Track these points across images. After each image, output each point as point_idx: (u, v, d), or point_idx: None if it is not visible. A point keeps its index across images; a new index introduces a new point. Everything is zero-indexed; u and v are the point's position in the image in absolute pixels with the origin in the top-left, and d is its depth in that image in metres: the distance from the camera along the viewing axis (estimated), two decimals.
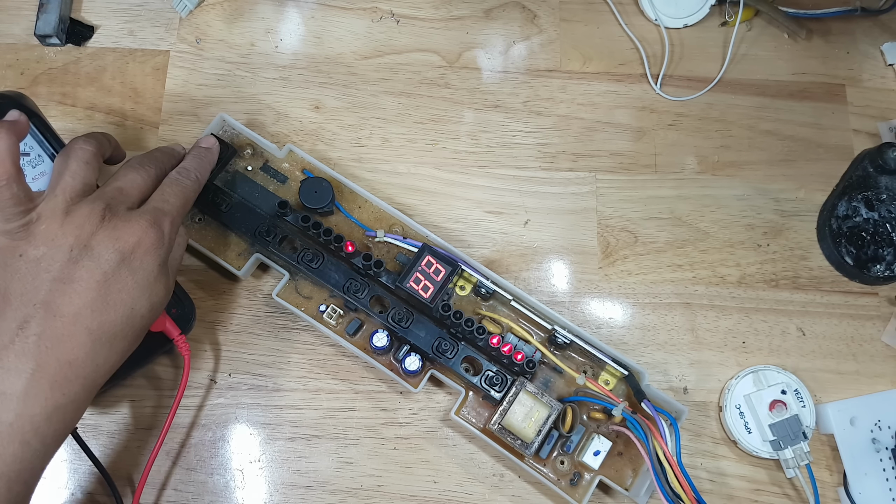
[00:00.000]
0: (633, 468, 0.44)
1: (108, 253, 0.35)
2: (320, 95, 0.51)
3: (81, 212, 0.35)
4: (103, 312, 0.34)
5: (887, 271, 0.48)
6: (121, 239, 0.35)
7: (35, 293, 0.34)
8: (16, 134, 0.35)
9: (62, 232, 0.35)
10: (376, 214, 0.47)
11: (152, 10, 0.52)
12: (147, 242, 0.36)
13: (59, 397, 0.33)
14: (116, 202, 0.37)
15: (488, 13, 0.54)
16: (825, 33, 0.55)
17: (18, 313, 0.33)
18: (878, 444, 0.45)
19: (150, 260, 0.36)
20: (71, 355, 0.33)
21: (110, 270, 0.35)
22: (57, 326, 0.33)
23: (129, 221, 0.36)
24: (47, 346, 0.33)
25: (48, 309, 0.33)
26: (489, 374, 0.43)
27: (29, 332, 0.33)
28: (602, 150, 0.52)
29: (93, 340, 0.34)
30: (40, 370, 0.33)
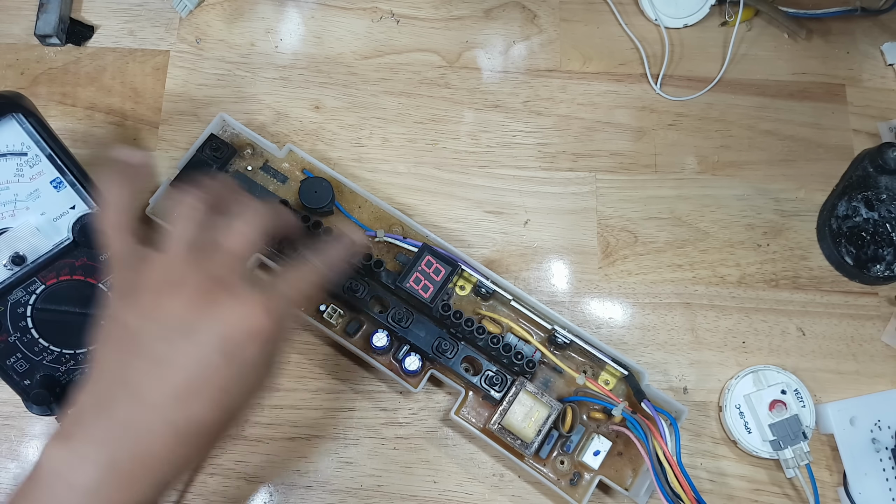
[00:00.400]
0: (633, 468, 0.44)
1: (209, 336, 0.29)
2: (320, 95, 0.51)
3: (187, 284, 0.30)
4: (191, 406, 0.29)
5: (887, 271, 0.48)
6: (226, 322, 0.30)
7: (123, 370, 0.30)
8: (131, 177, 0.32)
9: (162, 305, 0.30)
10: (376, 214, 0.47)
11: (152, 10, 0.52)
12: (256, 331, 0.30)
13: (125, 497, 0.29)
14: (227, 270, 0.31)
15: (488, 13, 0.54)
16: (825, 33, 0.55)
17: (103, 389, 0.30)
18: (878, 444, 0.45)
19: (255, 351, 0.30)
20: (148, 453, 0.29)
21: (208, 360, 0.29)
22: (139, 416, 0.29)
23: (242, 302, 0.30)
24: (125, 439, 0.29)
25: (133, 393, 0.29)
26: (489, 374, 0.43)
27: (109, 416, 0.29)
28: (602, 150, 0.52)
29: (176, 439, 0.29)
30: (113, 466, 0.28)
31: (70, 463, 0.28)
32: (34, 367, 0.41)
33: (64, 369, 0.41)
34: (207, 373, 0.29)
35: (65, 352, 0.41)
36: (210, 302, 0.30)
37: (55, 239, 0.40)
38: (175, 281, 0.31)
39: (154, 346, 0.30)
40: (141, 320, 0.30)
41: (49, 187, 0.40)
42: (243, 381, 0.30)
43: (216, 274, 0.31)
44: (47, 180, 0.40)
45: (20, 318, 0.40)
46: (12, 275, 0.40)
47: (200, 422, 0.30)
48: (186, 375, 0.29)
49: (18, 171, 0.39)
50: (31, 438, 0.44)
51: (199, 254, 0.31)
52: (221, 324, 0.30)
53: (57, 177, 0.40)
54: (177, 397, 0.29)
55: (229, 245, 0.32)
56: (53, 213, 0.40)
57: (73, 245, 0.40)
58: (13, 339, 0.41)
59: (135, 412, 0.29)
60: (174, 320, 0.30)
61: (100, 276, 0.41)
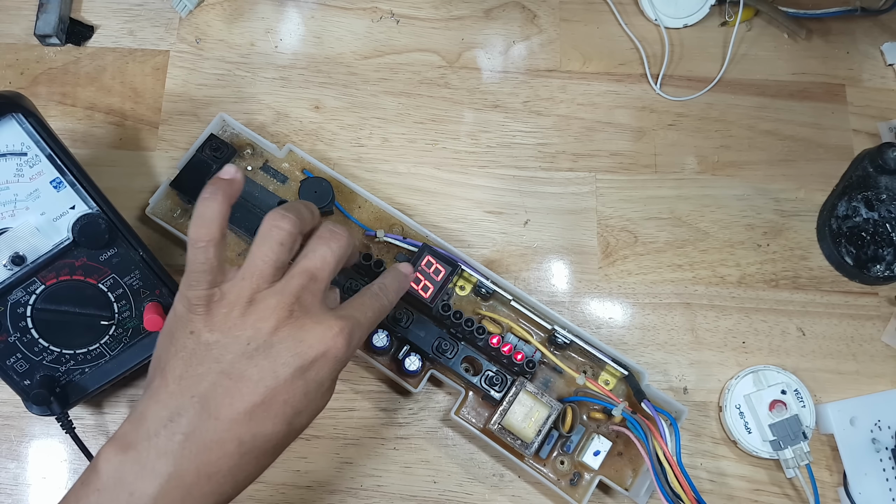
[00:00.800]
0: (633, 468, 0.44)
1: (288, 356, 0.30)
2: (320, 95, 0.51)
3: (268, 303, 0.31)
4: (261, 423, 0.30)
5: (887, 271, 0.48)
6: (305, 342, 0.31)
7: (196, 382, 0.30)
8: (230, 195, 0.33)
9: (242, 322, 0.31)
10: (376, 214, 0.47)
11: (152, 10, 0.52)
12: (332, 354, 0.31)
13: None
14: (307, 293, 0.32)
15: (488, 13, 0.54)
16: (825, 33, 0.55)
17: (173, 400, 0.30)
18: (878, 444, 0.45)
19: (326, 373, 0.31)
20: (213, 467, 0.29)
21: (284, 377, 0.30)
22: (209, 429, 0.29)
23: (320, 323, 0.31)
24: (191, 451, 0.29)
25: (205, 406, 0.29)
26: (489, 374, 0.43)
27: (178, 427, 0.29)
28: (602, 150, 0.52)
29: (241, 454, 0.30)
30: (177, 477, 0.29)
31: (134, 473, 0.29)
32: (34, 367, 0.41)
33: (64, 369, 0.41)
34: (282, 391, 0.30)
35: (65, 352, 0.41)
36: (290, 323, 0.31)
37: (55, 239, 0.40)
38: (257, 299, 0.31)
39: (232, 362, 0.30)
40: (219, 335, 0.31)
41: (49, 187, 0.40)
42: (312, 400, 0.31)
43: (298, 295, 0.32)
44: (47, 180, 0.40)
45: (20, 318, 0.40)
46: (12, 275, 0.40)
47: (268, 437, 0.30)
48: (261, 392, 0.30)
49: (18, 171, 0.39)
50: (31, 438, 0.44)
51: (279, 276, 0.32)
52: (301, 344, 0.31)
53: (57, 177, 0.40)
54: (249, 414, 0.30)
55: (311, 267, 0.33)
56: (53, 213, 0.40)
57: (73, 245, 0.40)
58: (13, 339, 0.40)
59: (206, 427, 0.29)
60: (254, 338, 0.31)
61: (99, 277, 0.41)
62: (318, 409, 0.33)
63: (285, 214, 0.33)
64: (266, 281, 0.32)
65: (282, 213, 0.33)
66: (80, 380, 0.42)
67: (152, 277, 0.42)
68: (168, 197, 0.47)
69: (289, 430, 0.31)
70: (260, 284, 0.32)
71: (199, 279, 0.31)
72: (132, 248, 0.42)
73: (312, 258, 0.33)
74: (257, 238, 0.33)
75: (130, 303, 0.42)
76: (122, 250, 0.41)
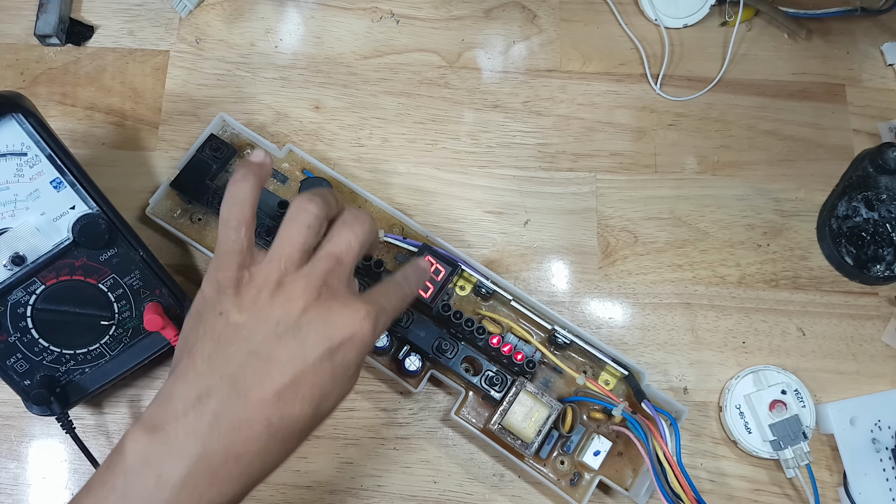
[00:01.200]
0: (633, 468, 0.44)
1: (316, 338, 0.30)
2: (320, 95, 0.51)
3: (296, 286, 0.31)
4: (290, 405, 0.30)
5: (887, 271, 0.48)
6: (333, 325, 0.31)
7: (225, 362, 0.30)
8: (261, 178, 0.33)
9: (271, 303, 0.31)
10: (376, 214, 0.47)
11: (152, 10, 0.52)
12: (359, 337, 0.31)
13: (214, 495, 0.29)
14: (334, 277, 0.32)
15: (488, 13, 0.54)
16: (825, 33, 0.55)
17: (201, 380, 0.30)
18: (878, 444, 0.45)
19: (353, 356, 0.31)
20: (242, 448, 0.29)
21: (312, 359, 0.30)
22: (237, 409, 0.29)
23: (347, 307, 0.31)
24: (220, 432, 0.29)
25: (234, 385, 0.29)
26: (489, 374, 0.43)
27: (207, 407, 0.29)
28: (602, 150, 0.52)
29: (269, 434, 0.29)
30: (205, 458, 0.28)
31: (161, 454, 0.28)
32: (34, 367, 0.41)
33: (64, 369, 0.42)
34: (310, 373, 0.30)
35: (65, 352, 0.41)
36: (318, 305, 0.31)
37: (55, 239, 0.40)
38: (285, 282, 0.31)
39: (261, 342, 0.30)
40: (248, 316, 0.31)
41: (49, 187, 0.40)
42: (339, 383, 0.31)
43: (325, 278, 0.32)
44: (47, 180, 0.40)
45: (20, 318, 0.40)
46: (12, 275, 0.40)
47: (296, 419, 0.30)
48: (291, 373, 0.30)
49: (18, 171, 0.39)
50: (31, 438, 0.44)
51: (307, 259, 0.32)
52: (329, 326, 0.31)
53: (57, 177, 0.40)
54: (278, 395, 0.29)
55: (337, 251, 0.33)
56: (53, 213, 0.40)
57: (73, 245, 0.40)
58: (13, 339, 0.40)
59: (234, 407, 0.29)
60: (283, 319, 0.30)
61: (99, 277, 0.41)
62: (344, 393, 0.32)
63: (312, 198, 0.33)
64: (294, 264, 0.32)
65: (309, 197, 0.33)
66: (80, 380, 0.42)
67: (152, 277, 0.42)
68: (168, 197, 0.47)
69: (315, 413, 0.31)
70: (288, 267, 0.32)
71: (230, 259, 0.32)
72: (132, 248, 0.42)
73: (338, 242, 0.33)
74: (285, 221, 0.33)
75: (130, 303, 0.42)
76: (122, 250, 0.41)
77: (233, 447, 0.29)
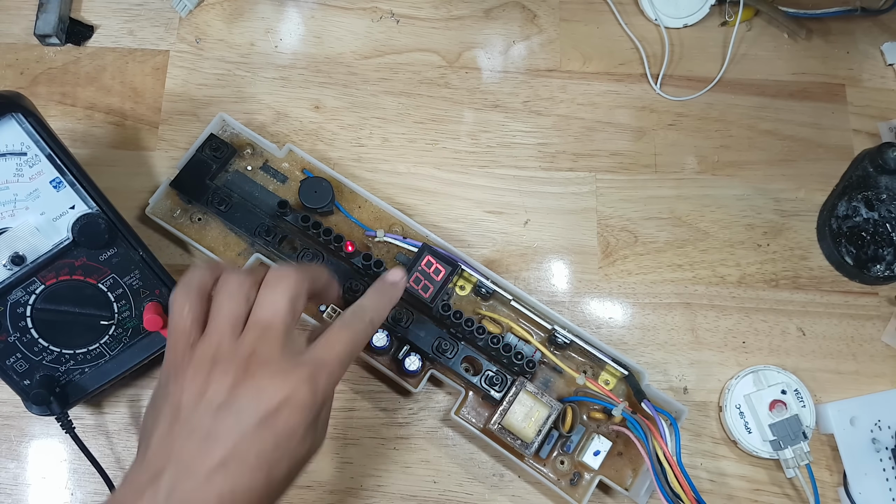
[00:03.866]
0: (633, 468, 0.44)
1: (249, 410, 0.31)
2: (320, 95, 0.51)
3: (227, 361, 0.32)
4: (238, 477, 0.30)
5: (887, 271, 0.48)
6: (264, 395, 0.31)
7: (170, 444, 0.31)
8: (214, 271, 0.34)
9: (208, 381, 0.31)
10: (376, 214, 0.47)
11: (152, 9, 0.52)
12: (295, 401, 0.31)
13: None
14: (264, 344, 0.32)
15: (488, 13, 0.54)
16: (825, 33, 0.55)
17: (152, 463, 0.31)
18: (878, 444, 0.45)
19: (295, 420, 0.31)
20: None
21: (249, 430, 0.30)
22: (187, 487, 0.30)
23: (279, 373, 0.31)
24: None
25: (179, 464, 0.30)
26: (489, 373, 0.43)
27: (158, 487, 0.30)
28: (602, 150, 0.52)
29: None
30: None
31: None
32: (34, 367, 0.41)
33: (64, 369, 0.41)
34: (250, 445, 0.31)
35: (65, 352, 0.41)
36: (248, 378, 0.31)
37: (55, 239, 0.40)
38: (217, 359, 0.32)
39: (199, 421, 0.31)
40: (188, 396, 0.31)
41: (49, 187, 0.40)
42: (285, 450, 0.31)
43: (254, 348, 0.32)
44: (47, 180, 0.40)
45: (20, 318, 0.40)
46: (12, 275, 0.40)
47: (247, 489, 0.31)
48: (231, 447, 0.30)
49: (18, 171, 0.39)
50: (31, 438, 0.44)
51: (239, 329, 0.33)
52: (261, 397, 0.31)
53: (56, 177, 0.40)
54: (222, 468, 0.30)
55: (262, 317, 0.33)
56: (53, 213, 0.40)
57: (73, 245, 0.40)
58: (13, 339, 0.40)
59: (184, 483, 0.30)
60: (216, 397, 0.31)
61: (99, 276, 0.41)
62: (299, 456, 0.32)
63: (232, 269, 0.34)
64: (226, 337, 0.32)
65: (230, 269, 0.34)
66: (79, 380, 0.42)
67: (152, 277, 0.42)
68: (168, 197, 0.47)
69: (269, 480, 0.31)
70: (220, 341, 0.32)
71: (176, 339, 0.33)
72: (132, 248, 0.42)
73: (261, 307, 0.33)
74: (216, 297, 0.34)
75: (130, 303, 0.42)
76: (121, 250, 0.41)
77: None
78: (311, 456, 0.33)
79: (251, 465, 0.31)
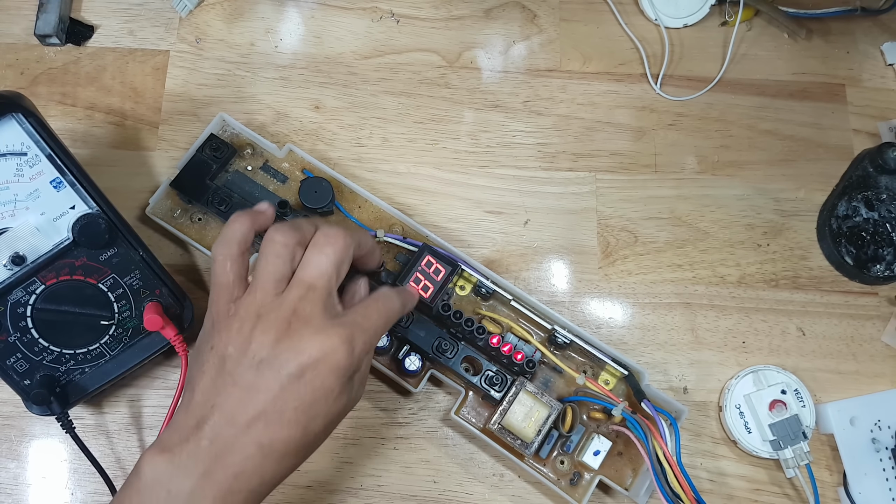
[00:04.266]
0: (632, 468, 0.44)
1: (289, 366, 0.32)
2: (320, 95, 0.51)
3: (269, 317, 0.33)
4: (277, 428, 0.32)
5: (887, 271, 0.48)
6: (304, 352, 0.32)
7: (214, 393, 0.33)
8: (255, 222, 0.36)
9: (251, 336, 0.33)
10: (376, 214, 0.47)
11: (152, 9, 0.52)
12: (333, 360, 0.32)
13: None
14: (306, 303, 0.33)
15: (488, 13, 0.54)
16: (825, 33, 0.55)
17: (197, 411, 0.32)
18: (878, 444, 0.45)
19: (331, 379, 0.33)
20: (239, 467, 0.32)
21: (288, 385, 0.32)
22: (229, 435, 0.32)
23: (319, 332, 0.33)
24: (216, 454, 0.32)
25: (223, 413, 0.32)
26: (489, 373, 0.43)
27: (203, 434, 0.32)
28: (602, 150, 0.52)
29: (262, 455, 0.32)
30: (208, 476, 0.31)
31: (169, 472, 0.31)
32: (34, 367, 0.41)
33: (64, 369, 0.41)
34: (288, 399, 0.32)
35: (65, 352, 0.41)
36: (289, 334, 0.33)
37: (55, 239, 0.40)
38: (261, 315, 0.33)
39: (242, 373, 0.32)
40: (232, 349, 0.33)
41: (49, 187, 0.40)
42: (321, 406, 0.33)
43: (296, 307, 0.33)
44: (47, 180, 0.40)
45: (20, 318, 0.40)
46: (12, 275, 0.40)
47: (285, 441, 0.32)
48: (271, 400, 0.32)
49: (18, 171, 0.39)
50: (31, 438, 0.44)
51: (283, 288, 0.34)
52: (301, 354, 0.32)
53: (57, 177, 0.40)
54: (262, 419, 0.32)
55: (307, 278, 0.34)
56: (53, 213, 0.40)
57: (73, 245, 0.40)
58: (13, 339, 0.40)
59: (226, 431, 0.32)
60: (259, 351, 0.33)
61: (99, 276, 0.41)
62: (335, 413, 0.34)
63: (279, 227, 0.35)
64: (269, 294, 0.34)
65: (276, 227, 0.35)
66: (80, 380, 0.42)
67: (152, 277, 0.42)
68: (168, 197, 0.47)
69: (305, 434, 0.33)
70: (264, 298, 0.34)
71: (220, 293, 0.34)
72: (132, 248, 0.42)
73: (307, 268, 0.34)
74: (258, 254, 0.35)
75: (130, 303, 0.42)
76: (122, 250, 0.41)
77: (230, 467, 0.32)
78: (346, 411, 0.35)
79: (288, 417, 0.32)
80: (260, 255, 0.35)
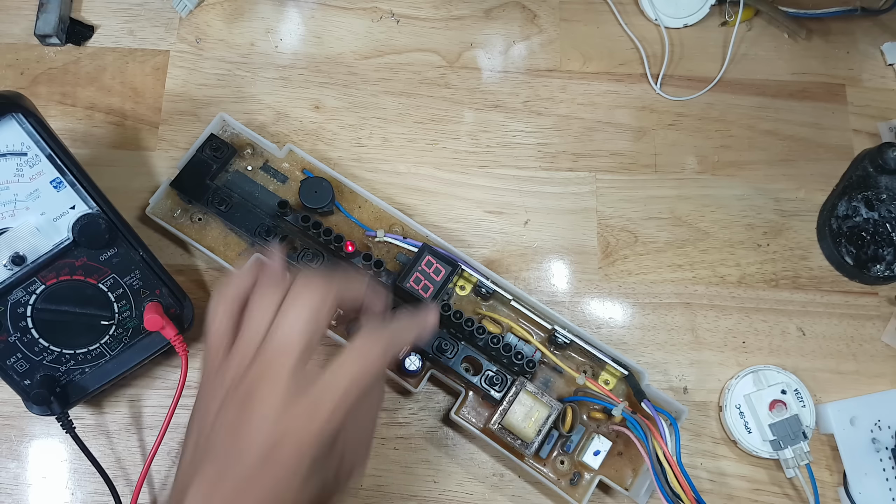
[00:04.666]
0: (633, 468, 0.44)
1: (251, 452, 0.29)
2: (320, 95, 0.51)
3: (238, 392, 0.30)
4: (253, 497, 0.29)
5: (887, 271, 0.48)
6: (263, 429, 0.29)
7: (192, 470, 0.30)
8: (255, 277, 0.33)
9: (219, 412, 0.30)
10: (376, 214, 0.47)
11: (152, 9, 0.52)
12: (294, 440, 0.29)
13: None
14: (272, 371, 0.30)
15: (488, 13, 0.54)
16: (825, 33, 0.55)
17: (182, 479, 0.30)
18: (878, 444, 0.45)
19: (295, 458, 0.29)
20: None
21: (253, 472, 0.29)
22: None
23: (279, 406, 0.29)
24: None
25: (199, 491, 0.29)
26: (489, 373, 0.43)
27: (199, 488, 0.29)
28: (602, 150, 0.52)
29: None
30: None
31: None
32: (34, 367, 0.41)
33: (64, 369, 0.41)
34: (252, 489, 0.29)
35: (65, 352, 0.41)
36: (251, 406, 0.29)
37: (55, 239, 0.40)
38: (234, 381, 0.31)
39: (215, 443, 0.30)
40: (206, 423, 0.31)
41: (49, 187, 0.40)
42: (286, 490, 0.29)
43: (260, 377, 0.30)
44: (47, 180, 0.40)
45: (20, 318, 0.40)
46: (12, 275, 0.40)
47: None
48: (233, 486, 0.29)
49: (18, 171, 0.39)
50: (31, 438, 0.44)
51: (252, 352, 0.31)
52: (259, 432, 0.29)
53: (57, 177, 0.40)
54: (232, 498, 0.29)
55: (275, 342, 0.30)
56: (53, 213, 0.40)
57: (73, 245, 0.40)
58: (13, 339, 0.40)
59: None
60: (228, 421, 0.30)
61: (99, 276, 0.41)
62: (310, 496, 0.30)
63: (266, 275, 0.33)
64: (247, 357, 0.31)
65: (264, 274, 0.33)
66: (80, 380, 0.42)
67: (152, 277, 0.42)
68: (168, 197, 0.47)
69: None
70: (241, 361, 0.31)
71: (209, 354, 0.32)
72: (132, 248, 0.42)
73: (277, 329, 0.31)
74: (247, 306, 0.33)
75: (130, 303, 0.42)
76: (122, 250, 0.41)
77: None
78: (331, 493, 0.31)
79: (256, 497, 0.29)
80: (247, 307, 0.32)
